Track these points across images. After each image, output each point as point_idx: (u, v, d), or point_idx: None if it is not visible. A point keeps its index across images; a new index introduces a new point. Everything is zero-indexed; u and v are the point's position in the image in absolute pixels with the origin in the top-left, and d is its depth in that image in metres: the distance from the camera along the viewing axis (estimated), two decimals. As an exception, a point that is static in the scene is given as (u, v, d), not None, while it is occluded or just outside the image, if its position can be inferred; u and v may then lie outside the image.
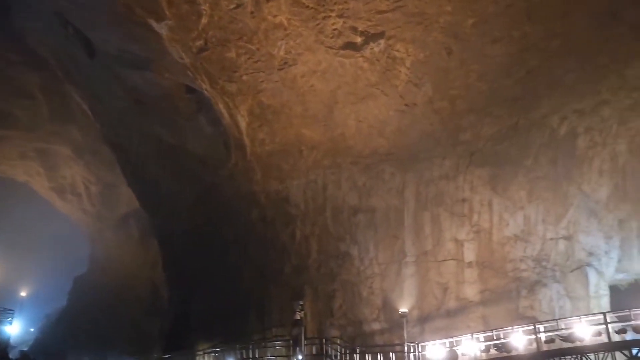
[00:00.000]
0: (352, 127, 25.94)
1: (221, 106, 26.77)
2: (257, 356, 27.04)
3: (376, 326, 25.99)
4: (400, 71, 24.08)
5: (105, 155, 43.53)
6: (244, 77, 25.01)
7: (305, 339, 24.07)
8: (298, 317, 23.78)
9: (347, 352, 24.02)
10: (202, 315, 32.73)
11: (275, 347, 26.15)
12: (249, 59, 24.22)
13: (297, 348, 24.75)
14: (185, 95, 28.41)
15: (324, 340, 24.71)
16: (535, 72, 23.74)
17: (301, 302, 24.18)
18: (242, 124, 26.83)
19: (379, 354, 23.55)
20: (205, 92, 26.54)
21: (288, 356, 25.35)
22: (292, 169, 27.51)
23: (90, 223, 53.60)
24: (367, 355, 23.72)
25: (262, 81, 25.02)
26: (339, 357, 23.70)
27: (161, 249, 39.91)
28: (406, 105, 25.13)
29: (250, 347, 27.69)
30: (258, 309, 28.80)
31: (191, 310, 34.39)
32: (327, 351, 24.27)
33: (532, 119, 25.41)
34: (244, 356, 27.75)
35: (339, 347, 24.17)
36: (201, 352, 31.03)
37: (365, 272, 26.73)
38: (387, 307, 25.98)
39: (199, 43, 23.92)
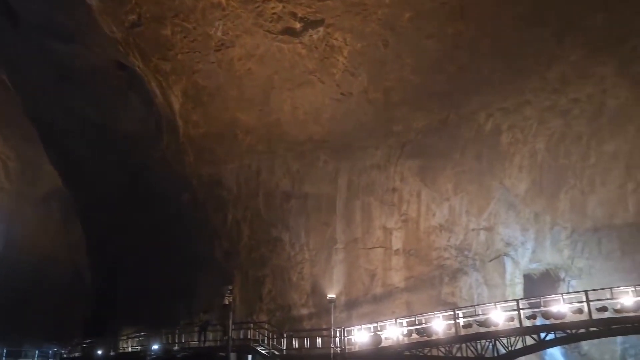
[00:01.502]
0: (287, 113, 25.94)
1: (154, 85, 25.92)
2: (183, 341, 26.69)
3: (305, 311, 26.35)
4: (337, 60, 24.30)
5: (26, 130, 40.89)
6: (179, 56, 24.34)
7: (234, 323, 23.97)
8: (227, 302, 23.61)
9: (275, 336, 24.16)
10: (127, 300, 31.84)
11: (203, 332, 25.84)
12: (184, 37, 23.58)
13: (203, 333, 24.74)
14: (116, 71, 27.18)
15: (251, 325, 24.71)
16: (465, 69, 24.70)
17: (230, 287, 24.01)
18: (176, 104, 26.12)
19: (306, 339, 23.86)
20: (137, 69, 25.58)
21: (215, 341, 25.20)
22: (226, 152, 27.13)
23: (7, 201, 50.36)
24: (294, 339, 23.97)
25: (197, 61, 24.45)
26: (266, 342, 23.78)
27: (85, 231, 38.32)
28: (342, 94, 25.43)
29: (177, 332, 27.30)
30: (186, 293, 28.36)
31: (115, 295, 33.37)
32: (254, 336, 24.30)
33: (461, 114, 26.50)
34: (170, 341, 27.32)
35: (266, 331, 24.27)
36: (125, 337, 30.25)
37: (295, 258, 26.96)
38: (316, 292, 26.39)
39: (132, 17, 23.00)
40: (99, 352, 30.67)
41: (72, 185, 37.30)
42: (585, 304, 19.76)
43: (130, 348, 29.81)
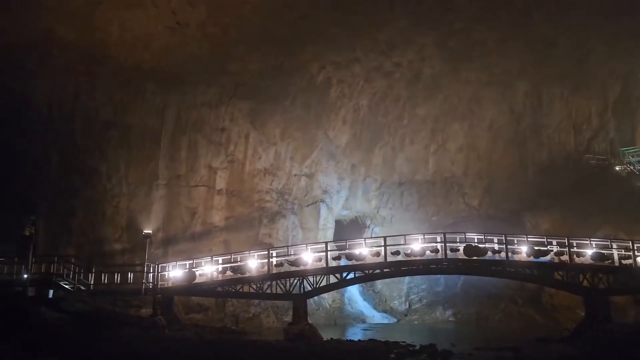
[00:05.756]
0: (114, 35, 23.76)
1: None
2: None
3: (118, 246, 25.31)
4: (175, -16, 22.79)
5: None
6: (-22, -56, 20.55)
7: (35, 256, 22.08)
8: (27, 233, 21.60)
9: (82, 271, 22.87)
10: None
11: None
12: None
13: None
14: None
15: (56, 259, 23.01)
16: (304, 19, 25.08)
17: (33, 217, 21.93)
18: (-27, 4, 22.18)
19: (116, 274, 23.02)
20: None
21: (11, 274, 22.97)
22: (37, 68, 23.96)
23: None
24: (104, 274, 22.97)
25: (4, -45, 20.94)
26: (71, 277, 22.41)
27: None
28: (178, 23, 24.06)
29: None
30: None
31: None
32: (59, 270, 22.69)
33: (296, 62, 27.06)
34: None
35: (72, 266, 22.84)
36: None
37: (112, 191, 25.50)
38: (132, 227, 25.44)
39: None
40: None
41: None
42: (382, 248, 22.21)
43: None
